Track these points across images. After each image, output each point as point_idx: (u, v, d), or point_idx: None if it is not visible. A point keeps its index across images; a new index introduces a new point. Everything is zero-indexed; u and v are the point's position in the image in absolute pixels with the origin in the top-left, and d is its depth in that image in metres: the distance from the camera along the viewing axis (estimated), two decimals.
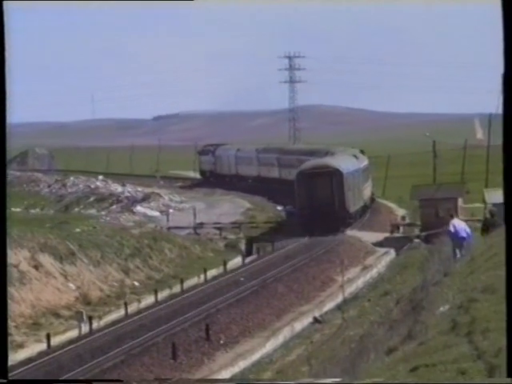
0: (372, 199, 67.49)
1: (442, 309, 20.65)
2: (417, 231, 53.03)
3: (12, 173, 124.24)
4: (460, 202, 52.44)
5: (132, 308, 37.21)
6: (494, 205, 38.13)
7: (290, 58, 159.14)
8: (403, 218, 59.09)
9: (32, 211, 76.50)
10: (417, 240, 50.71)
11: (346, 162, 57.27)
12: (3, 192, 10.01)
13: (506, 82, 9.27)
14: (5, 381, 10.15)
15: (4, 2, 9.54)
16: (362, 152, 69.39)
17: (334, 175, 52.57)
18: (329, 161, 56.58)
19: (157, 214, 71.88)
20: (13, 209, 76.15)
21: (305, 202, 52.43)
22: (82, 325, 33.61)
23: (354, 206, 54.74)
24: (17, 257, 39.27)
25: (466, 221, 51.30)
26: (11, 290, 36.34)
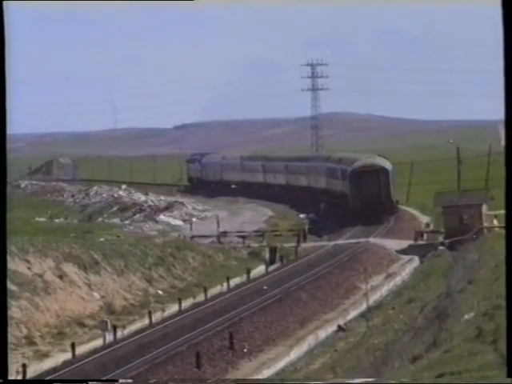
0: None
1: (466, 316, 20.53)
2: (441, 238, 52.72)
3: (37, 182, 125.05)
4: (484, 208, 52.06)
5: (156, 317, 37.26)
6: None
7: (312, 65, 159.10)
8: (427, 225, 58.75)
9: (56, 221, 76.87)
10: (441, 247, 50.41)
11: (386, 162, 65.79)
12: (3, 194, 10.05)
13: (507, 83, 9.15)
14: (5, 381, 10.17)
15: (4, 2, 9.58)
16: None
17: (381, 172, 62.74)
18: (375, 160, 65.57)
19: (180, 222, 72.01)
20: (37, 218, 76.62)
21: (357, 195, 61.95)
22: (107, 334, 33.69)
23: (395, 198, 63.97)
24: (41, 266, 39.48)
25: (490, 228, 51.21)
26: (36, 300, 36.53)
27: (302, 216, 72.87)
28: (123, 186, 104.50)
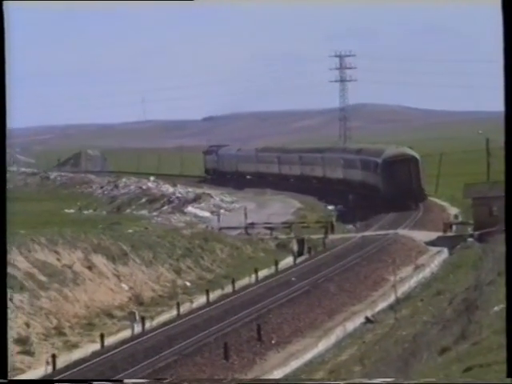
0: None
1: (496, 308, 20.41)
2: (470, 230, 52.39)
3: (65, 174, 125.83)
4: None
5: (184, 308, 37.39)
6: None
7: (340, 56, 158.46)
8: (456, 216, 58.41)
9: (85, 212, 77.32)
10: (470, 239, 50.08)
11: (415, 152, 68.50)
12: (3, 193, 10.10)
13: (507, 82, 9.04)
14: (5, 381, 10.22)
15: (4, 2, 9.61)
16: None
17: (412, 161, 65.32)
18: (406, 150, 68.25)
19: (207, 214, 72.17)
20: (66, 210, 77.14)
21: (389, 183, 64.54)
22: (135, 325, 33.86)
23: (424, 185, 66.44)
24: (71, 258, 39.75)
25: None
26: (65, 291, 36.80)
27: (330, 208, 72.84)
28: (151, 178, 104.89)
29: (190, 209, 74.72)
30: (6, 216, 10.44)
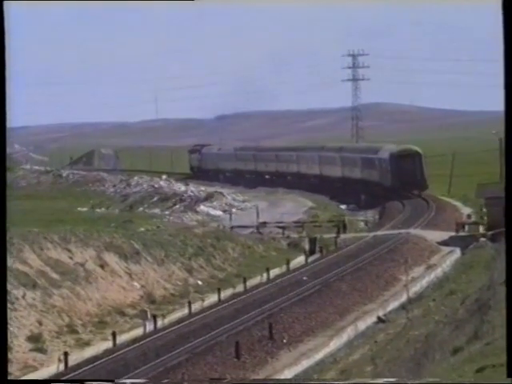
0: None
1: None
2: (483, 230, 52.20)
3: (78, 172, 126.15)
4: None
5: (196, 307, 37.42)
6: None
7: (353, 56, 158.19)
8: (469, 216, 58.23)
9: (98, 210, 77.50)
10: (483, 239, 49.91)
11: (418, 148, 76.89)
12: (3, 192, 10.10)
13: (507, 81, 8.99)
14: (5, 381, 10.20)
15: (4, 2, 9.61)
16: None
17: (417, 156, 73.95)
18: (411, 146, 77.41)
19: (220, 213, 72.24)
20: (79, 208, 77.35)
21: (396, 175, 72.94)
22: (147, 323, 33.92)
23: (427, 177, 74.58)
24: (83, 256, 39.85)
25: None
26: (78, 289, 36.89)
27: (342, 207, 73.00)
28: (164, 177, 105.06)
29: (202, 207, 74.79)
30: (6, 216, 10.43)
